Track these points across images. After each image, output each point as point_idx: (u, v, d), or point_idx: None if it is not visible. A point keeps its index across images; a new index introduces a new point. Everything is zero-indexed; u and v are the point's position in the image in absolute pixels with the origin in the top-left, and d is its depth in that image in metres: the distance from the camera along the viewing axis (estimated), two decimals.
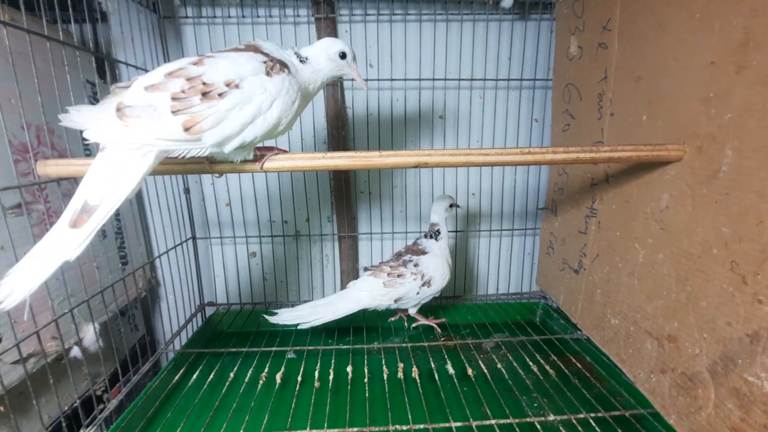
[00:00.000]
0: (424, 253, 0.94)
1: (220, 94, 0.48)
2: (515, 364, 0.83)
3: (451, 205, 0.98)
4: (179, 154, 0.50)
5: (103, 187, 0.46)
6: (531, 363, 0.82)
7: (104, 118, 0.46)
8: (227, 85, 0.49)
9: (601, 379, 0.80)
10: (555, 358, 0.84)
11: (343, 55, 0.64)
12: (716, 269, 0.53)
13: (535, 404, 0.73)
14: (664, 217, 0.62)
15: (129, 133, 0.45)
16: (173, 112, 0.46)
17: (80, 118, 0.45)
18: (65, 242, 0.44)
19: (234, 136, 0.51)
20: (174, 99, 0.47)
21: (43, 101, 0.64)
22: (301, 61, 0.60)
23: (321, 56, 0.62)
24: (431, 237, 0.96)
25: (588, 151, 0.61)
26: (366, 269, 0.97)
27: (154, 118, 0.46)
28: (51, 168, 0.57)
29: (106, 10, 0.85)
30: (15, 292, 0.43)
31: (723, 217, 0.52)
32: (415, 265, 0.92)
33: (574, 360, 0.84)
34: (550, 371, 0.80)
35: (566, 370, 0.80)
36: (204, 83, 0.48)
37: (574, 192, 0.92)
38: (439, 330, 1.00)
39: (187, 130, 0.47)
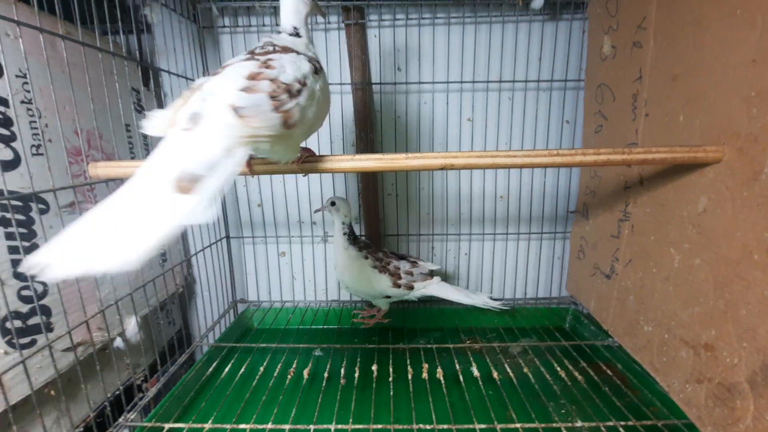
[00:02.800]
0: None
1: (298, 92, 0.52)
2: (543, 370, 0.81)
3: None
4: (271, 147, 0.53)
5: (205, 161, 0.43)
6: (559, 369, 0.81)
7: (223, 119, 0.47)
8: (299, 83, 0.53)
9: (633, 387, 0.78)
10: (585, 365, 0.82)
11: None
12: (757, 276, 0.50)
13: (563, 411, 0.72)
14: (702, 221, 0.60)
15: (250, 131, 0.47)
16: (275, 110, 0.49)
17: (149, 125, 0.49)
18: (179, 206, 0.39)
19: (310, 128, 0.57)
20: (272, 98, 0.50)
21: (94, 108, 0.69)
22: (297, 35, 0.63)
23: (300, 8, 0.64)
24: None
25: (620, 152, 0.59)
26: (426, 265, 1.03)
27: (264, 117, 0.49)
28: (101, 170, 0.62)
29: (151, 22, 0.91)
30: (128, 258, 0.36)
31: (765, 221, 0.49)
32: None
33: (604, 367, 0.81)
34: (579, 378, 0.78)
35: (596, 378, 0.78)
36: (284, 83, 0.51)
37: (606, 195, 0.89)
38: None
39: (284, 124, 0.50)
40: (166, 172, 0.41)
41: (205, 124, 0.46)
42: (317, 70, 0.58)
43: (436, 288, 1.00)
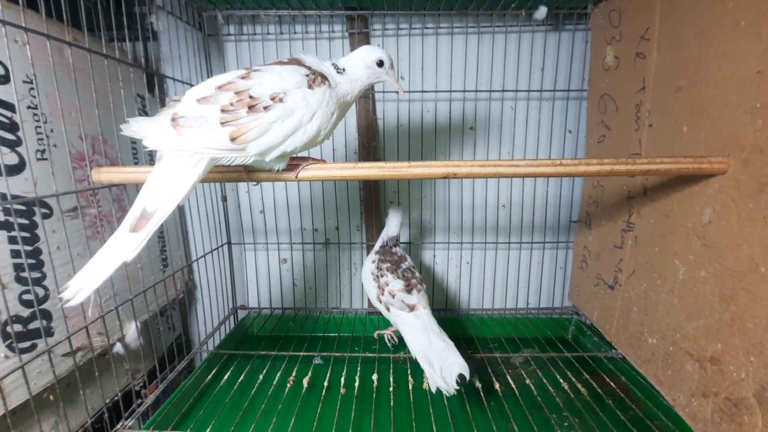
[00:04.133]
0: (406, 258, 0.96)
1: (265, 107, 0.51)
2: (545, 381, 0.80)
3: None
4: (227, 162, 0.53)
5: (160, 195, 0.49)
6: (562, 381, 0.80)
7: (160, 127, 0.49)
8: (272, 98, 0.52)
9: (638, 401, 0.76)
10: (588, 377, 0.81)
11: (380, 63, 0.64)
12: (764, 289, 0.50)
13: (566, 423, 0.71)
14: (707, 232, 0.59)
15: (182, 141, 0.49)
16: (222, 124, 0.49)
17: (139, 128, 0.50)
18: (125, 245, 0.48)
19: (276, 147, 0.54)
20: (223, 111, 0.50)
21: (99, 114, 0.69)
22: (338, 72, 0.62)
23: (358, 65, 0.63)
24: (396, 245, 0.98)
25: (623, 163, 0.59)
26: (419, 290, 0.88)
27: (205, 129, 0.49)
28: (104, 175, 0.62)
29: (157, 30, 0.91)
30: (82, 290, 0.47)
31: None
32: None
33: (608, 379, 0.80)
34: (583, 390, 0.77)
35: (600, 390, 0.76)
36: (251, 96, 0.51)
37: (609, 205, 0.89)
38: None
39: (233, 140, 0.50)
40: (134, 210, 0.49)
41: (163, 156, 0.51)
42: (313, 84, 0.55)
43: (405, 320, 0.82)
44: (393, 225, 0.98)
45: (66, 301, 0.46)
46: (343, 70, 0.63)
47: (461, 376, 0.69)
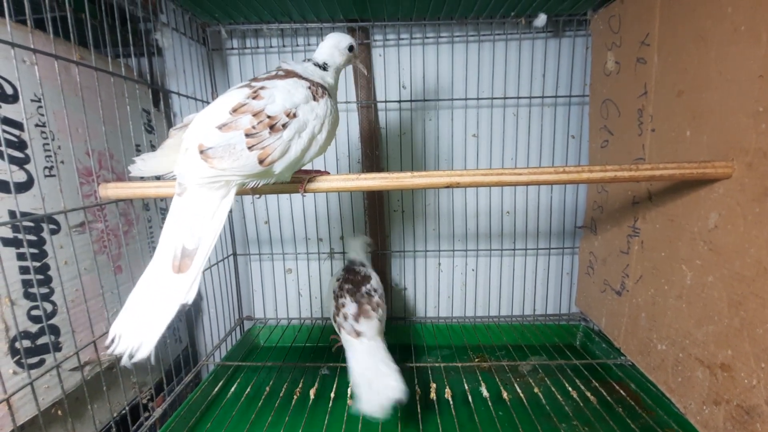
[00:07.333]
0: (371, 278, 0.92)
1: (283, 125, 0.52)
2: (554, 389, 0.80)
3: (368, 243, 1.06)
4: (253, 184, 0.53)
5: (197, 230, 0.48)
6: (571, 389, 0.79)
7: (188, 161, 0.49)
8: (287, 115, 0.53)
9: (648, 408, 0.75)
10: (597, 384, 0.80)
11: (351, 48, 0.69)
12: None
13: None
14: (713, 237, 0.59)
15: (215, 172, 0.48)
16: (249, 148, 0.49)
17: (146, 166, 0.50)
18: (176, 287, 0.46)
19: (297, 162, 0.55)
20: (247, 135, 0.50)
21: (105, 130, 0.70)
22: (324, 69, 0.65)
23: (335, 54, 0.68)
24: (362, 265, 0.97)
25: (627, 169, 0.59)
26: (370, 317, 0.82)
27: (235, 156, 0.48)
28: (111, 191, 0.63)
29: (161, 46, 0.93)
30: (144, 344, 0.44)
31: None
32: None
33: (617, 387, 0.79)
34: (592, 398, 0.76)
35: (609, 398, 0.76)
36: (269, 116, 0.51)
37: (614, 210, 0.88)
38: None
39: (261, 162, 0.50)
40: (167, 249, 0.47)
41: (188, 189, 0.50)
42: (317, 95, 0.57)
43: (352, 345, 0.78)
44: (353, 251, 1.01)
45: (129, 360, 0.43)
46: (325, 64, 0.66)
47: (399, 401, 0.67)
